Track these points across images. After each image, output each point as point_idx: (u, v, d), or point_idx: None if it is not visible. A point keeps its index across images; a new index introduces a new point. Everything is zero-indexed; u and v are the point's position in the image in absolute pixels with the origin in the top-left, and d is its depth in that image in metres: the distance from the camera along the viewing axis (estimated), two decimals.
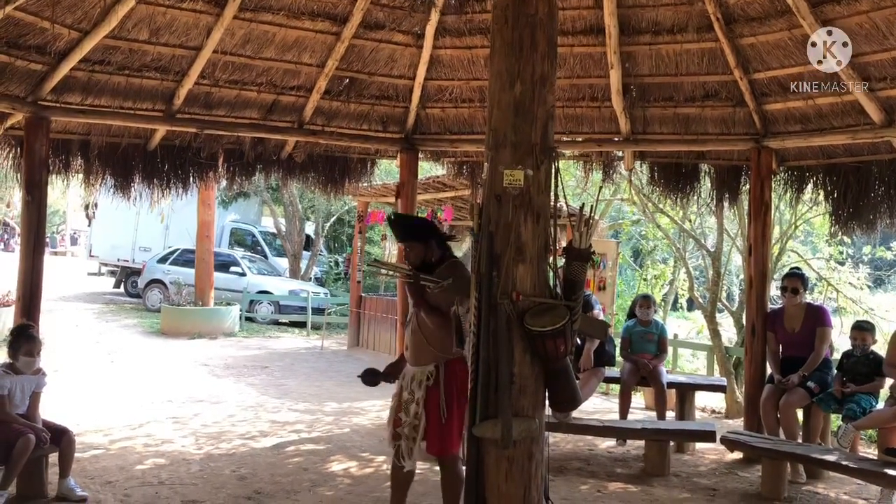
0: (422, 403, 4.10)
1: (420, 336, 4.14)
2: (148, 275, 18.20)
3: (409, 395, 4.14)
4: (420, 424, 4.09)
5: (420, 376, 4.14)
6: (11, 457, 4.63)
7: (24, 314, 5.78)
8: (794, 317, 6.32)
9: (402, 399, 4.19)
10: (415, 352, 4.18)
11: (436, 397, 4.07)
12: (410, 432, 4.11)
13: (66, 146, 6.66)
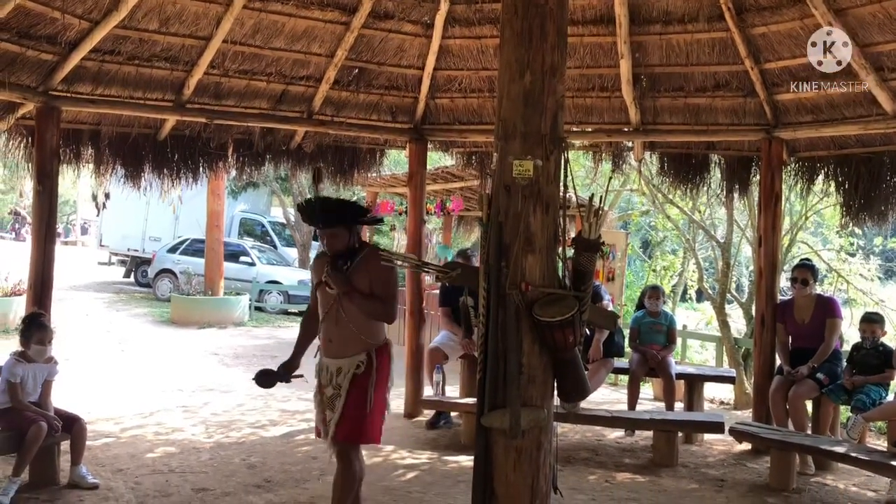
0: (344, 390, 3.89)
1: (348, 326, 3.89)
2: (158, 264, 18.28)
3: (335, 390, 3.90)
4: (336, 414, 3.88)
5: (349, 367, 3.90)
6: (24, 444, 4.67)
7: (36, 303, 5.82)
8: (803, 308, 6.30)
9: (327, 396, 3.94)
10: (341, 343, 3.92)
11: (363, 385, 3.88)
12: (333, 428, 3.89)
13: (76, 136, 6.68)
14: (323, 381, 3.98)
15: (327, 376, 3.94)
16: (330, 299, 3.95)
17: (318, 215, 3.97)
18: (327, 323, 3.96)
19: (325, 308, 3.97)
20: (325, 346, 4.00)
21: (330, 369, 3.94)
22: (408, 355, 7.47)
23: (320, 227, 3.97)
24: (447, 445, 6.33)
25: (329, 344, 3.96)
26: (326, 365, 3.97)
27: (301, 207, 4.14)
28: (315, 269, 4.14)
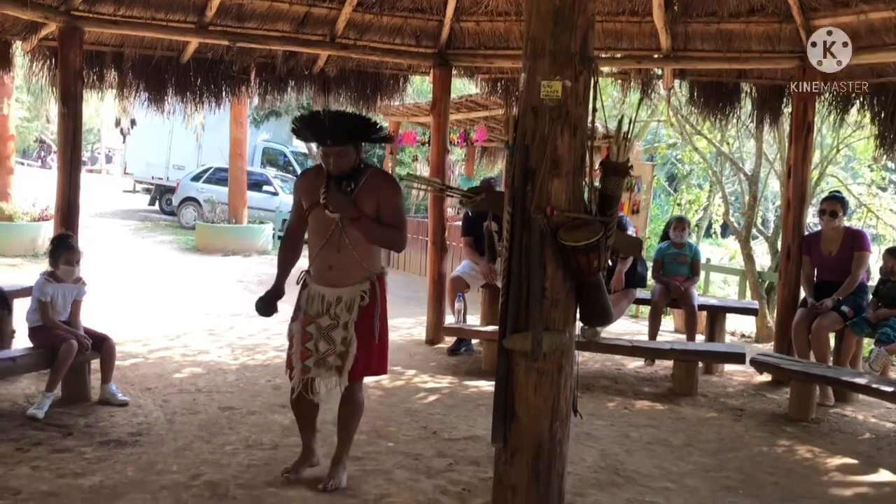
0: (352, 327, 3.66)
1: (351, 253, 3.64)
2: (182, 192, 18.39)
3: (333, 321, 3.65)
4: (350, 350, 3.65)
5: (351, 297, 3.66)
6: (55, 361, 4.79)
7: (63, 226, 5.88)
8: (831, 240, 6.22)
9: (322, 326, 3.67)
10: (342, 271, 3.66)
11: (369, 316, 3.69)
12: (335, 361, 3.66)
13: (99, 58, 6.66)
14: (314, 311, 3.68)
15: (321, 306, 3.67)
16: (329, 224, 3.65)
17: (329, 131, 3.57)
18: (327, 249, 3.67)
19: (323, 233, 3.67)
20: (321, 274, 3.69)
21: (327, 298, 3.67)
22: (430, 284, 7.51)
23: (328, 145, 3.58)
24: (468, 371, 6.41)
25: (328, 271, 3.67)
26: (321, 293, 3.68)
27: (305, 121, 3.68)
28: (303, 188, 3.81)
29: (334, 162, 3.62)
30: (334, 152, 3.59)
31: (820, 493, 4.16)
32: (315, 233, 3.73)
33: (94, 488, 3.67)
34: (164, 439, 4.43)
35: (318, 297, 3.69)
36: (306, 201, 3.75)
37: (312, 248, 3.75)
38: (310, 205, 3.71)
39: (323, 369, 3.68)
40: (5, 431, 4.35)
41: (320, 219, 3.68)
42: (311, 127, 3.63)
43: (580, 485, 4.00)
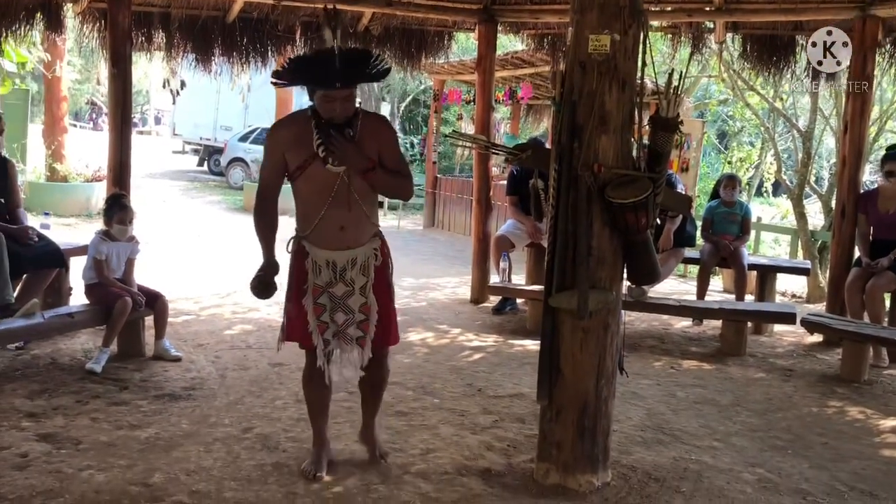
0: (370, 290, 3.33)
1: (361, 209, 3.26)
2: (230, 153, 18.61)
3: (348, 287, 3.30)
4: (371, 317, 3.33)
5: (365, 257, 3.32)
6: (111, 317, 4.93)
7: (116, 185, 6.00)
8: (890, 198, 6.03)
9: (336, 296, 3.30)
10: (355, 231, 3.28)
11: (383, 276, 3.38)
12: (355, 331, 3.33)
13: (147, 20, 6.72)
14: (323, 280, 3.30)
15: (332, 273, 3.29)
16: (333, 179, 3.20)
17: (340, 71, 3.07)
18: (334, 209, 3.22)
19: (327, 191, 3.21)
20: (330, 237, 3.26)
21: (338, 263, 3.28)
22: (475, 243, 7.52)
23: (336, 87, 3.09)
24: (513, 330, 6.42)
25: (340, 233, 3.25)
26: (329, 259, 3.29)
27: (304, 62, 3.26)
28: (288, 142, 3.26)
29: (341, 107, 3.14)
30: (342, 96, 3.12)
31: (871, 454, 4.10)
32: (314, 192, 3.24)
33: (150, 440, 3.79)
34: (217, 394, 4.55)
35: (325, 263, 3.29)
36: (295, 157, 3.23)
37: (310, 209, 3.27)
38: (303, 161, 3.21)
39: (343, 342, 3.34)
40: (66, 384, 4.51)
41: (320, 175, 3.20)
42: (314, 68, 3.13)
43: (626, 443, 4.00)
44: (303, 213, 3.32)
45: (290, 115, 3.51)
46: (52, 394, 4.35)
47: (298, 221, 3.35)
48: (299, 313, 3.34)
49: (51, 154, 12.30)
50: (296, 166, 3.24)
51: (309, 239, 3.31)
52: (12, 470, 3.37)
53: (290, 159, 3.25)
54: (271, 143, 3.32)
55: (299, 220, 3.35)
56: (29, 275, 5.20)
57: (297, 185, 3.30)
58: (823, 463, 3.92)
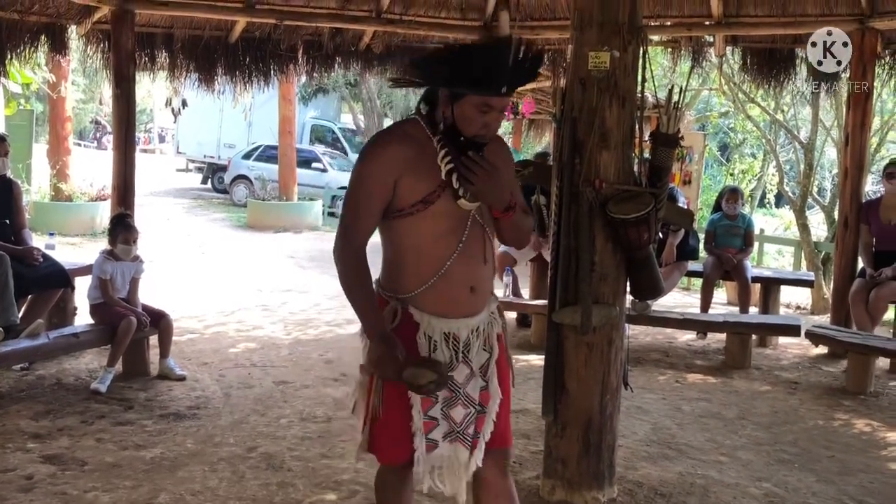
0: (493, 372, 2.44)
1: (491, 262, 2.44)
2: (233, 170, 18.67)
3: (469, 369, 2.38)
4: (491, 408, 2.42)
5: (490, 326, 2.46)
6: (116, 337, 4.94)
7: (120, 204, 6.03)
8: (892, 208, 6.04)
9: (457, 382, 2.36)
10: (483, 291, 2.42)
11: (504, 350, 2.51)
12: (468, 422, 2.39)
13: (150, 40, 6.77)
14: (451, 356, 2.35)
15: (452, 350, 2.36)
16: (463, 219, 2.33)
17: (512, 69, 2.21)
18: (464, 261, 2.33)
19: (455, 234, 2.32)
20: (454, 300, 2.35)
21: (461, 337, 2.37)
22: None
23: (502, 93, 2.23)
24: (517, 345, 6.41)
25: (469, 295, 2.36)
26: (451, 331, 2.36)
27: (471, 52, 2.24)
28: (405, 164, 2.29)
29: (496, 121, 2.31)
30: (504, 105, 2.30)
31: (879, 467, 4.08)
32: (436, 237, 2.31)
33: (155, 460, 3.79)
34: (221, 412, 4.55)
35: (443, 338, 2.35)
36: (413, 187, 2.29)
37: (427, 260, 2.32)
38: (428, 192, 2.28)
39: (461, 445, 2.40)
40: (71, 405, 4.52)
41: (447, 213, 2.31)
42: (480, 63, 2.20)
43: (631, 458, 3.99)
44: (413, 265, 2.34)
45: (398, 128, 2.45)
46: (57, 414, 4.35)
47: (399, 276, 2.37)
48: (398, 411, 2.35)
49: (55, 174, 12.36)
50: (416, 200, 2.28)
51: (419, 302, 2.35)
52: (17, 492, 3.37)
53: (407, 189, 2.28)
54: (379, 166, 2.30)
55: (402, 275, 2.36)
56: (34, 295, 5.23)
57: (408, 225, 2.32)
58: (830, 477, 3.90)
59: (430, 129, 2.34)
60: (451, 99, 2.26)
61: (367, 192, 2.32)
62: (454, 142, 2.28)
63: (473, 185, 2.25)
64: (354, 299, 2.35)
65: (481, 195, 2.30)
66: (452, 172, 2.28)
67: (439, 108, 2.31)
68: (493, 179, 2.26)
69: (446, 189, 2.29)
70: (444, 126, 2.30)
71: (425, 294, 2.34)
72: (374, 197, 2.31)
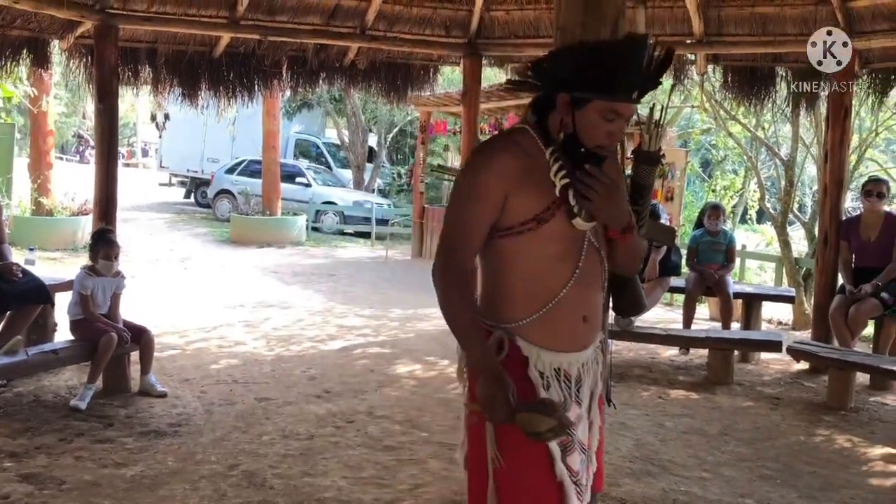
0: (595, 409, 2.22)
1: (604, 292, 2.23)
2: (217, 185, 18.59)
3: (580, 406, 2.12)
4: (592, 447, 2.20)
5: (598, 360, 2.25)
6: (96, 353, 4.89)
7: (102, 220, 6.00)
8: (871, 225, 6.11)
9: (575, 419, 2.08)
10: (596, 321, 2.18)
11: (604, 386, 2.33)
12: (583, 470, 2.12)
13: (134, 55, 6.76)
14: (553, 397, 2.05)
15: (564, 390, 2.09)
16: (579, 241, 2.08)
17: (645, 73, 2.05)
18: (579, 289, 2.07)
19: (571, 257, 2.07)
20: (568, 330, 2.09)
21: (572, 373, 2.11)
22: None
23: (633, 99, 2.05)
24: None
25: (581, 325, 2.11)
26: (563, 367, 2.09)
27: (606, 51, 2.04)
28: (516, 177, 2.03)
29: (620, 131, 2.10)
30: (629, 114, 2.08)
31: (859, 482, 4.10)
32: (551, 260, 2.06)
33: (135, 478, 3.75)
34: (203, 430, 4.51)
35: (554, 373, 2.08)
36: (525, 203, 2.03)
37: (539, 286, 2.06)
38: (542, 209, 2.02)
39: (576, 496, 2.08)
40: (49, 423, 4.46)
41: (561, 233, 2.05)
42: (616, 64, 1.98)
43: (615, 474, 3.99)
44: (522, 292, 2.08)
45: (507, 137, 2.17)
46: (35, 432, 4.29)
47: (504, 303, 2.10)
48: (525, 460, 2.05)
49: (36, 188, 12.27)
50: (527, 217, 2.03)
51: (528, 333, 2.07)
52: None
53: (517, 205, 2.03)
54: (490, 176, 2.04)
55: (507, 302, 2.09)
56: (13, 311, 5.15)
57: (517, 246, 2.06)
58: (812, 493, 3.92)
59: (542, 140, 2.09)
60: (572, 105, 2.02)
61: (477, 206, 2.05)
62: (571, 154, 2.04)
63: (591, 202, 2.01)
64: (459, 328, 2.07)
65: (599, 213, 2.05)
66: (568, 188, 2.02)
67: (554, 116, 2.08)
68: (614, 196, 2.04)
69: (561, 207, 2.03)
70: (564, 136, 2.06)
71: (535, 324, 2.06)
72: (484, 211, 2.04)
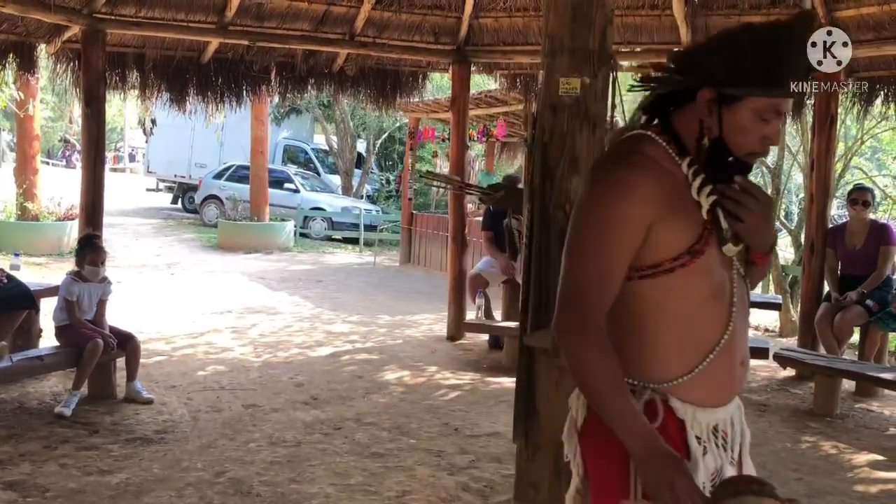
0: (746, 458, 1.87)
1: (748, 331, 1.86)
2: (204, 190, 18.53)
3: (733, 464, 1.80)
4: None
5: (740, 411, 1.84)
6: (82, 360, 4.85)
7: (88, 226, 5.96)
8: (856, 233, 6.16)
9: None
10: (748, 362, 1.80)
11: None
12: None
13: (121, 60, 6.73)
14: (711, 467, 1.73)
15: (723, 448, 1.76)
16: (729, 270, 1.72)
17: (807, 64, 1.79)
18: (739, 327, 1.72)
19: (724, 293, 1.70)
20: (725, 380, 1.73)
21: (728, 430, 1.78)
22: (450, 281, 7.52)
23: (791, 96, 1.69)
24: (489, 368, 6.41)
25: (740, 371, 1.76)
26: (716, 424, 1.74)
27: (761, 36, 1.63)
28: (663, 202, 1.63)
29: (777, 134, 1.72)
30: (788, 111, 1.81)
31: (845, 489, 4.12)
32: (706, 297, 1.68)
33: (120, 485, 3.72)
34: (189, 437, 4.48)
35: (711, 435, 1.73)
36: (676, 232, 1.65)
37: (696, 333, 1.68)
38: (694, 241, 1.65)
39: None
40: (33, 429, 4.42)
41: (713, 265, 1.68)
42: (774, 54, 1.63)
43: None
44: (675, 342, 1.69)
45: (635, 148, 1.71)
46: (19, 439, 4.25)
47: (652, 358, 1.69)
48: None
49: (22, 193, 12.18)
50: (679, 251, 1.65)
51: (684, 391, 1.69)
52: None
53: (666, 237, 1.64)
54: (632, 204, 1.63)
55: (656, 356, 1.69)
56: None
57: (666, 287, 1.66)
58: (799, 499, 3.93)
59: (675, 149, 1.70)
60: (717, 104, 1.65)
61: (616, 242, 1.63)
62: (717, 164, 1.67)
63: (744, 222, 1.65)
64: (605, 399, 1.61)
65: (752, 236, 1.68)
66: (715, 208, 1.65)
67: (683, 118, 1.71)
68: (767, 213, 1.70)
69: (712, 232, 1.66)
70: (709, 142, 1.67)
71: (694, 379, 1.68)
72: (626, 249, 1.63)
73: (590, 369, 1.63)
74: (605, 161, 1.81)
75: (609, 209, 1.65)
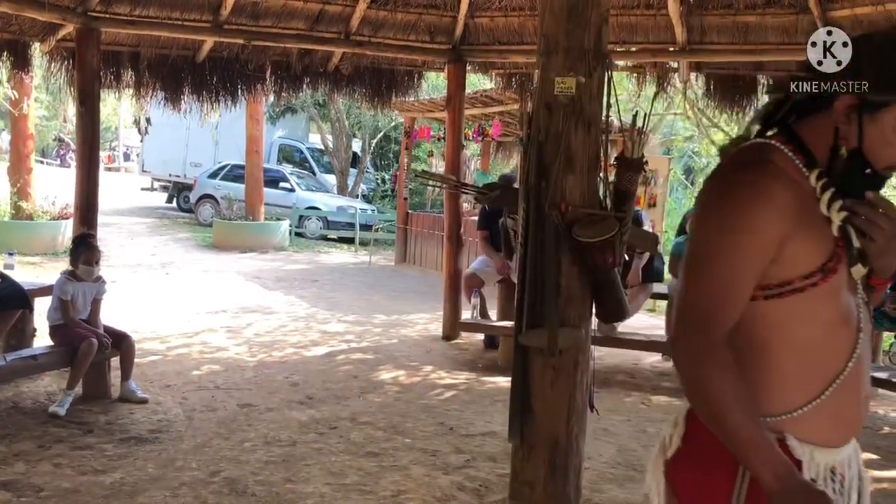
0: None
1: None
2: (199, 190, 18.49)
3: None
4: None
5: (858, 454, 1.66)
6: (76, 359, 4.84)
7: (83, 225, 5.94)
8: None
9: None
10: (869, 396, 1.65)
11: None
12: None
13: (116, 58, 6.71)
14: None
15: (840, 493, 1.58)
16: (854, 294, 1.57)
17: None
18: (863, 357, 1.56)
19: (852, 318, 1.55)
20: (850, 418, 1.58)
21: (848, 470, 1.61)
22: (446, 280, 7.53)
23: None
24: (485, 367, 6.41)
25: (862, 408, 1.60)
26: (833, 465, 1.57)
27: None
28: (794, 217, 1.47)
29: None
30: None
31: None
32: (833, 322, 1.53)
33: (114, 485, 3.71)
34: (184, 436, 4.47)
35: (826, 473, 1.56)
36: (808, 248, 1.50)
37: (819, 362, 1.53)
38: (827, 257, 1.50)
39: None
40: (28, 429, 4.41)
41: (841, 287, 1.53)
42: None
43: (597, 480, 4.00)
44: (797, 371, 1.53)
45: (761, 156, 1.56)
46: (13, 439, 4.24)
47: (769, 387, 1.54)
48: None
49: (16, 192, 12.14)
50: (811, 269, 1.50)
51: (802, 427, 1.54)
52: None
53: (798, 253, 1.49)
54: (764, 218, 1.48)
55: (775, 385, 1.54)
56: None
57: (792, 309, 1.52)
58: None
59: (802, 159, 1.55)
60: (857, 111, 1.51)
61: (747, 255, 1.48)
62: (853, 177, 1.51)
63: (875, 241, 1.48)
64: (734, 428, 1.46)
65: (881, 256, 1.51)
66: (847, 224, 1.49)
67: (813, 126, 1.57)
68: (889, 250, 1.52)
69: (843, 251, 1.51)
70: (847, 153, 1.52)
71: (812, 414, 1.52)
72: (756, 263, 1.48)
73: (718, 396, 1.46)
74: (731, 169, 1.59)
75: (742, 217, 1.48)
